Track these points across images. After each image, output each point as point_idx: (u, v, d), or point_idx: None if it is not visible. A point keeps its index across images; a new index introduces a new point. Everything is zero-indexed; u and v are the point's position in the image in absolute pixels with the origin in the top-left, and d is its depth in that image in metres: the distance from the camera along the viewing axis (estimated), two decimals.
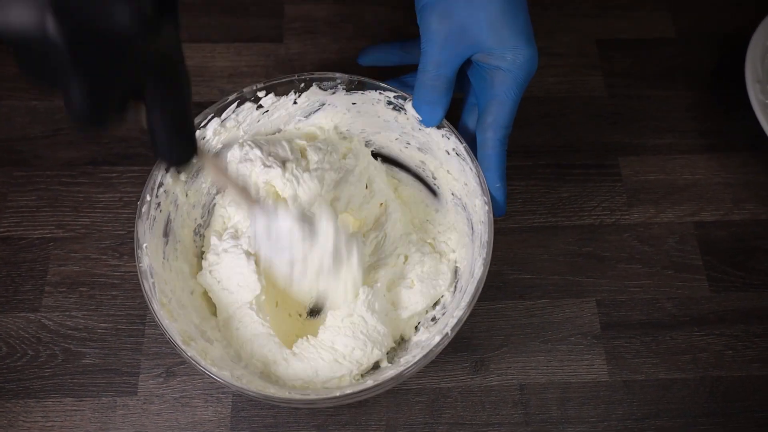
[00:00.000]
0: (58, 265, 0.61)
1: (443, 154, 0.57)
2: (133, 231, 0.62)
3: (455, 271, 0.58)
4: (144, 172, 0.65)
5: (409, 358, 0.51)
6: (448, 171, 0.58)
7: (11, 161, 0.66)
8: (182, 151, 0.42)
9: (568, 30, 0.75)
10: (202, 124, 0.55)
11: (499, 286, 0.61)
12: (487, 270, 0.50)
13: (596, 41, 0.75)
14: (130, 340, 0.59)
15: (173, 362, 0.58)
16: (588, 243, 0.64)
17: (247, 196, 0.50)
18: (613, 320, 0.61)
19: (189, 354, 0.46)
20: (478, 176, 0.53)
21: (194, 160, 0.43)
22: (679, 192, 0.67)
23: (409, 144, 0.60)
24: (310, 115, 0.60)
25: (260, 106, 0.57)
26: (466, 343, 0.59)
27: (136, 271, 0.60)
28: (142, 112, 0.39)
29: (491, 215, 0.52)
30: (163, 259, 0.53)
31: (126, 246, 0.62)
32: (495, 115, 0.52)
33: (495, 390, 0.58)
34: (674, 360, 0.59)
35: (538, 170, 0.67)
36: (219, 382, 0.46)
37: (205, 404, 0.57)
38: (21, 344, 0.58)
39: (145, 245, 0.50)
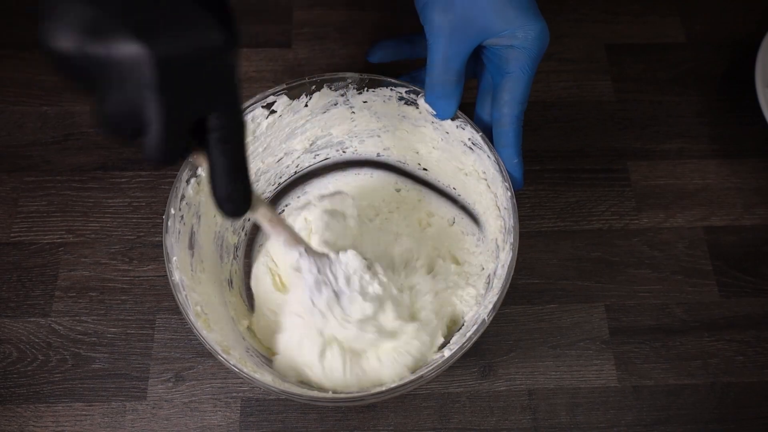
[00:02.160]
0: (68, 270, 0.62)
1: (459, 146, 0.58)
2: (145, 237, 0.63)
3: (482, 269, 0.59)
4: (153, 177, 0.66)
5: (451, 345, 0.52)
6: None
7: (22, 166, 0.66)
8: (242, 199, 0.41)
9: (577, 35, 0.75)
10: None
11: (507, 290, 0.61)
12: (516, 255, 0.50)
13: (606, 46, 0.75)
14: (140, 345, 0.59)
15: (182, 367, 0.58)
16: (597, 248, 0.64)
17: (299, 240, 0.49)
18: (623, 325, 0.61)
19: (231, 363, 0.46)
20: (497, 164, 0.53)
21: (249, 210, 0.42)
22: (689, 197, 0.67)
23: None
24: (326, 112, 0.60)
25: (273, 111, 0.57)
26: (474, 347, 0.59)
27: (146, 277, 0.61)
28: (202, 156, 0.39)
29: (515, 201, 0.51)
30: (191, 271, 0.52)
31: (135, 251, 0.62)
32: (511, 92, 0.52)
33: (503, 395, 0.58)
34: (684, 366, 0.59)
35: (547, 175, 0.67)
36: (261, 387, 0.47)
37: (214, 409, 0.57)
38: (31, 349, 0.58)
39: (174, 259, 0.50)
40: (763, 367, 0.59)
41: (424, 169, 0.63)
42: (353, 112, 0.60)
